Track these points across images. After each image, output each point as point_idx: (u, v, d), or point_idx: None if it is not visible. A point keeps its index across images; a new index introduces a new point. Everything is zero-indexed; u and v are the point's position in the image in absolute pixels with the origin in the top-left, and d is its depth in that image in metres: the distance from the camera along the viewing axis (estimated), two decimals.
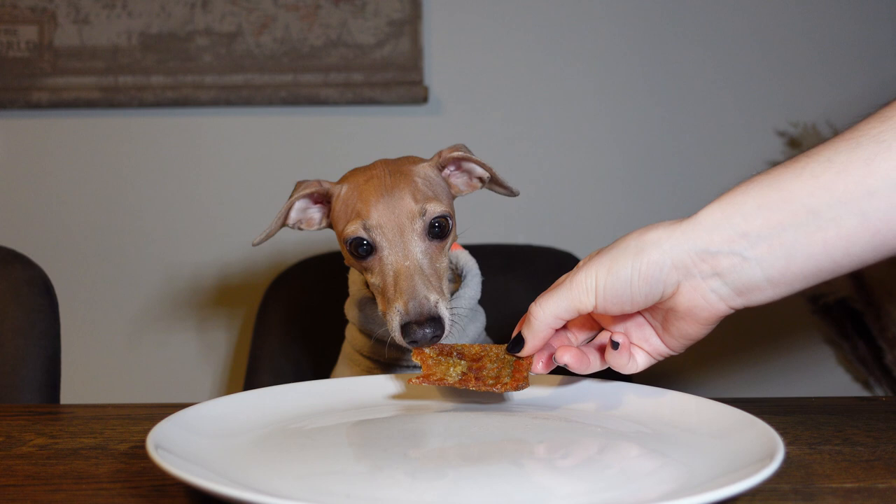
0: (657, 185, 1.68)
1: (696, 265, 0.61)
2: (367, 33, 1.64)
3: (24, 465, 0.63)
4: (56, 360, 1.10)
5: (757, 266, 0.59)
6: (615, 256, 0.62)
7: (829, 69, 1.70)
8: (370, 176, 0.80)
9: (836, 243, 0.58)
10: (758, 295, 0.61)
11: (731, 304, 0.62)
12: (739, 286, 0.61)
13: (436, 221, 0.78)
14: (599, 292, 0.63)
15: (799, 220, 0.58)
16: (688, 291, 0.62)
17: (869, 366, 1.66)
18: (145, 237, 1.69)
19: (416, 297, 0.73)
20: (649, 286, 0.61)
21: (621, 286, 0.62)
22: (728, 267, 0.60)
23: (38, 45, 1.64)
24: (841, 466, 0.61)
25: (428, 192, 0.80)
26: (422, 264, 0.76)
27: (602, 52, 1.69)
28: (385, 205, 0.77)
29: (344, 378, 0.82)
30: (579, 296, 0.64)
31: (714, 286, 0.61)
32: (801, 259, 0.58)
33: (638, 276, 0.61)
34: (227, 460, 0.59)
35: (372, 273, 0.78)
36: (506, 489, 0.54)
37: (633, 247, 0.62)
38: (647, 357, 0.69)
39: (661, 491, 0.53)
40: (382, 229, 0.77)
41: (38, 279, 1.11)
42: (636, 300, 0.62)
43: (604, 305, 0.63)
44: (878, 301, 1.60)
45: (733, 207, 0.60)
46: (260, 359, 1.37)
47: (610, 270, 0.62)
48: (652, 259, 0.61)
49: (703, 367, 1.70)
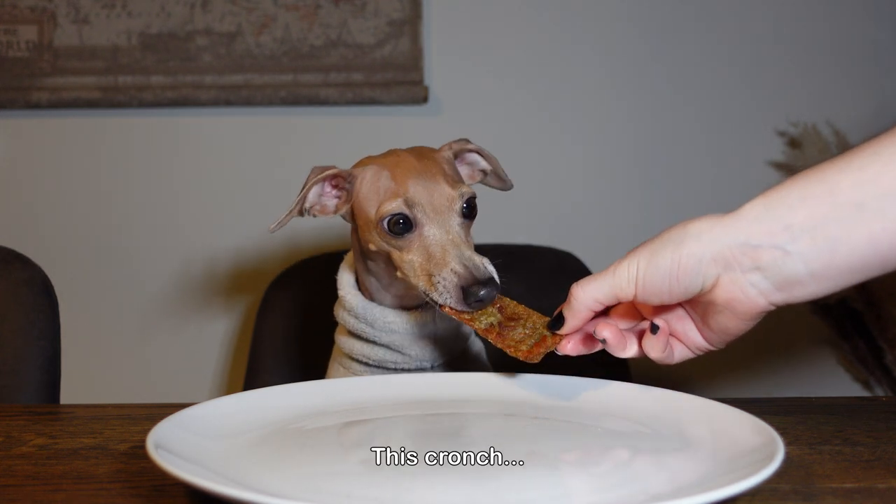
0: (657, 184, 1.68)
1: (736, 258, 0.60)
2: (367, 33, 1.64)
3: (24, 465, 0.63)
4: (56, 360, 1.10)
5: (799, 259, 0.58)
6: (657, 247, 0.62)
7: (830, 69, 1.70)
8: (398, 160, 0.82)
9: (881, 236, 0.57)
10: (800, 290, 0.60)
11: (770, 300, 0.61)
12: (780, 280, 0.60)
13: (469, 202, 0.81)
14: (640, 282, 0.63)
15: (844, 212, 0.57)
16: (727, 285, 0.61)
17: (869, 366, 1.66)
18: (145, 237, 1.69)
19: (472, 261, 0.75)
20: (689, 278, 0.61)
21: (660, 277, 0.62)
22: (769, 261, 0.59)
23: (38, 45, 1.64)
24: (841, 466, 0.61)
25: (454, 175, 0.83)
26: (462, 237, 0.79)
27: (602, 53, 1.69)
28: (422, 185, 0.79)
29: (343, 378, 0.82)
30: (620, 283, 0.64)
31: (754, 280, 0.60)
32: (846, 252, 0.57)
33: (677, 267, 0.61)
34: (227, 460, 0.59)
35: (409, 251, 0.79)
36: (506, 489, 0.54)
37: (674, 238, 0.62)
38: (685, 350, 0.69)
39: (660, 491, 0.53)
40: (423, 207, 0.79)
41: (37, 279, 1.11)
42: (674, 292, 0.62)
43: (643, 295, 0.64)
44: (878, 301, 1.60)
45: (777, 200, 0.59)
46: (260, 359, 1.37)
47: (650, 261, 0.62)
48: (691, 251, 0.61)
49: (703, 367, 1.70)
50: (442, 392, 0.77)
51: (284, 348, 1.36)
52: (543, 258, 1.44)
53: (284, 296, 1.40)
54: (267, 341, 1.37)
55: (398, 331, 0.86)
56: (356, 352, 0.89)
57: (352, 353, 0.89)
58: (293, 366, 1.35)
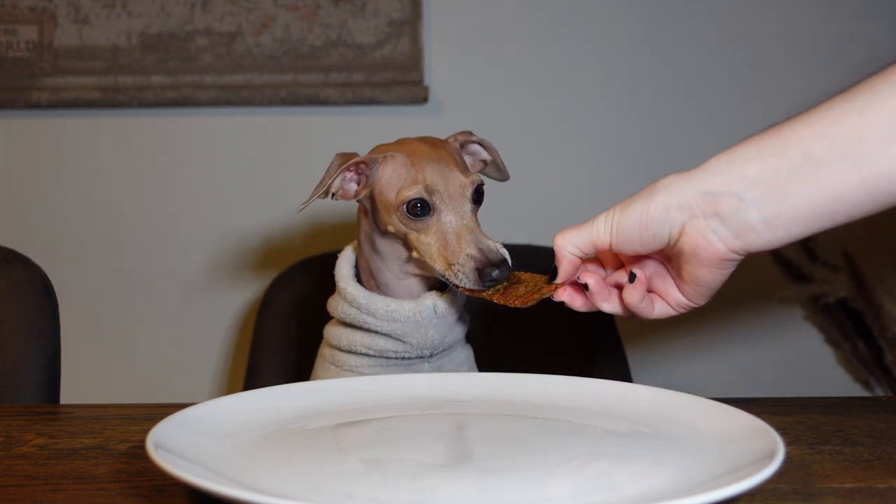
0: None
1: (698, 206, 0.65)
2: (367, 33, 1.64)
3: (24, 465, 0.63)
4: (56, 360, 1.10)
5: (753, 207, 0.63)
6: (631, 201, 0.69)
7: (830, 69, 1.70)
8: (413, 148, 0.88)
9: (828, 186, 0.61)
10: (755, 237, 0.64)
11: (730, 247, 0.65)
12: (737, 228, 0.64)
13: (478, 188, 0.88)
14: (613, 230, 0.69)
15: (794, 164, 0.62)
16: (691, 232, 0.66)
17: (869, 366, 1.66)
18: (145, 237, 1.69)
19: (486, 245, 0.83)
20: (657, 226, 0.67)
21: (631, 225, 0.68)
22: (727, 208, 0.64)
23: (38, 45, 1.64)
24: (841, 466, 0.61)
25: (463, 163, 0.90)
26: (474, 222, 0.86)
27: (602, 53, 1.69)
28: (438, 172, 0.86)
29: (344, 378, 0.82)
30: (597, 231, 0.70)
31: (714, 226, 0.65)
32: (795, 202, 0.62)
33: (646, 216, 0.67)
34: (227, 460, 0.59)
35: (427, 233, 0.85)
36: (506, 489, 0.54)
37: (646, 192, 0.68)
38: (666, 306, 0.73)
39: (660, 491, 0.53)
40: (440, 193, 0.85)
41: (37, 279, 1.11)
42: (645, 239, 0.68)
43: (617, 244, 0.69)
44: (878, 301, 1.60)
45: (736, 154, 0.65)
46: (260, 359, 1.37)
47: (623, 212, 0.68)
48: (659, 200, 0.66)
49: (704, 367, 1.70)
50: (442, 392, 0.77)
51: (284, 348, 1.36)
52: (543, 258, 1.43)
53: (284, 296, 1.40)
54: (267, 341, 1.37)
55: (400, 319, 0.88)
56: (356, 343, 0.90)
57: (351, 346, 0.90)
58: (293, 366, 1.35)
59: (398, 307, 0.88)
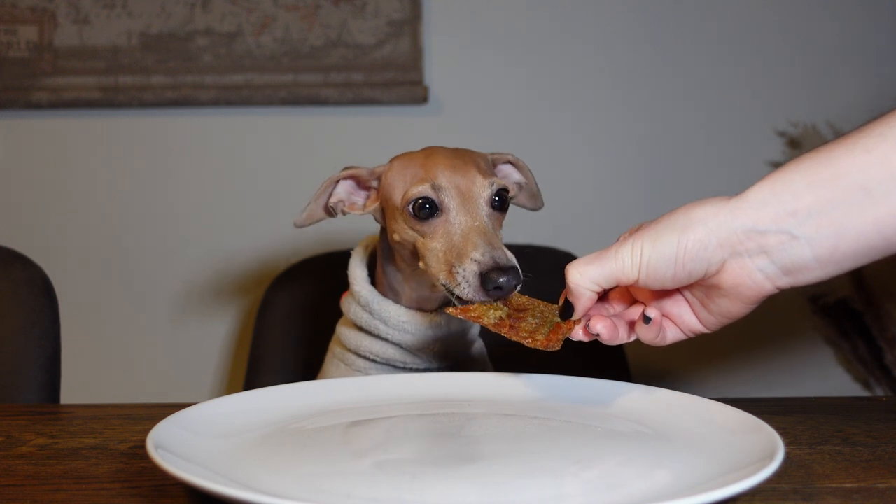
0: (657, 184, 1.68)
1: (742, 244, 0.59)
2: (367, 33, 1.64)
3: (24, 465, 0.63)
4: (56, 360, 1.10)
5: (806, 245, 0.58)
6: (661, 232, 0.61)
7: (830, 69, 1.70)
8: (430, 151, 0.82)
9: (887, 221, 0.56)
10: (806, 274, 0.60)
11: (777, 284, 0.61)
12: (787, 265, 0.59)
13: (500, 193, 0.80)
14: (643, 267, 0.62)
15: (850, 197, 0.56)
16: (733, 270, 0.61)
17: (869, 366, 1.66)
18: (145, 237, 1.69)
19: (494, 248, 0.74)
20: (693, 264, 0.61)
21: (665, 263, 0.61)
22: (776, 245, 0.59)
23: (38, 45, 1.64)
24: (841, 466, 0.61)
25: (488, 169, 0.83)
26: (489, 226, 0.77)
27: (602, 53, 1.69)
28: (453, 171, 0.79)
29: (344, 378, 0.82)
30: (622, 268, 0.63)
31: (761, 265, 0.60)
32: (852, 237, 0.57)
33: (683, 253, 0.60)
34: (227, 460, 0.59)
35: (434, 237, 0.78)
36: (506, 489, 0.54)
37: (679, 223, 0.61)
38: (678, 332, 0.68)
39: (661, 491, 0.53)
40: (450, 192, 0.78)
41: (38, 279, 1.11)
42: (678, 277, 0.62)
43: (645, 280, 0.63)
44: (878, 301, 1.60)
45: (783, 185, 0.58)
46: (260, 359, 1.37)
47: (654, 247, 0.61)
48: (697, 237, 0.60)
49: (703, 367, 1.70)
50: (442, 392, 0.77)
51: (284, 348, 1.36)
52: (543, 258, 1.44)
53: (284, 296, 1.40)
54: (267, 341, 1.37)
55: (410, 331, 0.85)
56: (363, 348, 0.88)
57: (358, 349, 0.89)
58: (293, 366, 1.35)
59: (410, 318, 0.85)
